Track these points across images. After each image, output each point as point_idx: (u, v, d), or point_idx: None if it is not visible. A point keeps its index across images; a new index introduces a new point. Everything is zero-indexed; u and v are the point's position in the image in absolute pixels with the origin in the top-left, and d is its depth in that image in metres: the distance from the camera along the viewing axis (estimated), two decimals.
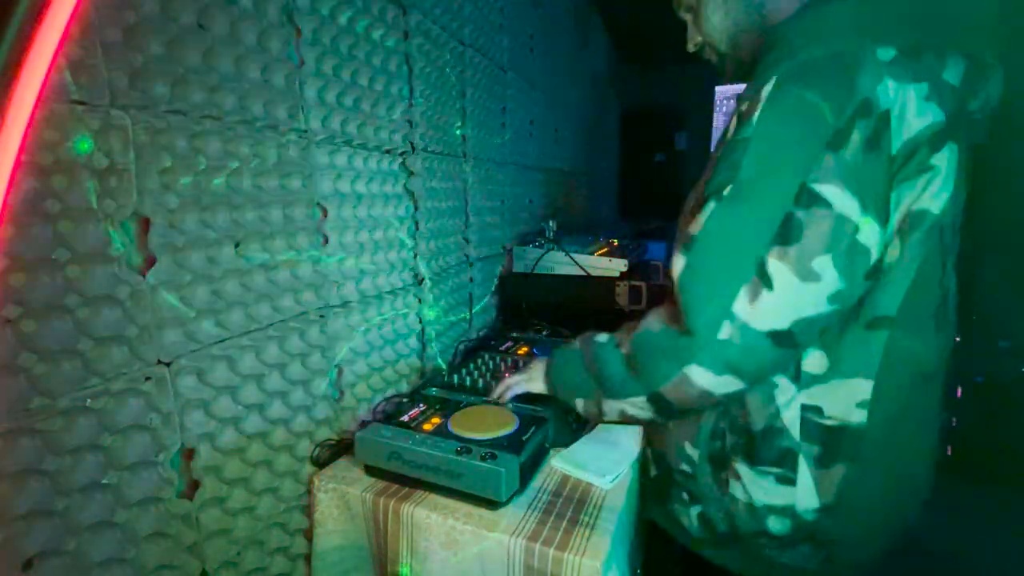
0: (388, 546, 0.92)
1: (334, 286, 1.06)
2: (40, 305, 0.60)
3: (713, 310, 0.64)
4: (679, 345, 0.68)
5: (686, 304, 0.67)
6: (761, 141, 0.64)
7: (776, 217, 0.62)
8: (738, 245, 0.64)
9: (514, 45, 1.91)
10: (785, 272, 0.61)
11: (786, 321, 0.63)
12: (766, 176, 0.63)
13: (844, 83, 0.60)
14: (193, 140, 0.76)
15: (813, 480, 0.70)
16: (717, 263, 0.65)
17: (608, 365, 0.79)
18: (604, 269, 1.66)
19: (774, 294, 0.61)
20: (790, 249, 0.61)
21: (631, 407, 0.77)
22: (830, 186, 0.60)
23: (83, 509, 0.66)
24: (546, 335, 1.63)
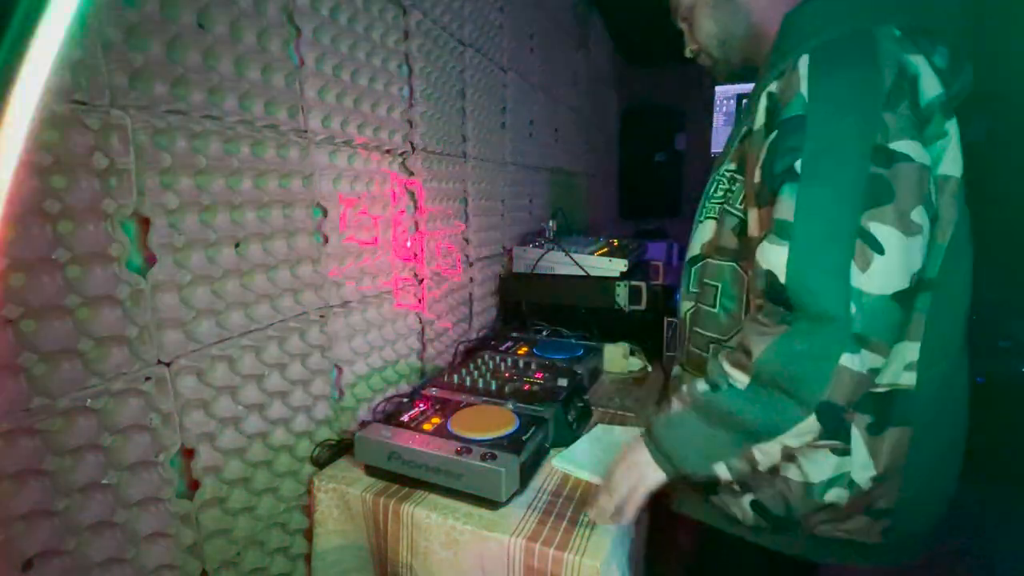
0: (388, 546, 0.92)
1: (334, 286, 1.06)
2: (40, 305, 0.60)
3: (840, 289, 0.62)
4: (821, 338, 0.63)
5: (807, 292, 0.63)
6: (818, 114, 0.64)
7: (860, 181, 0.62)
8: (836, 218, 0.63)
9: (514, 45, 1.91)
10: (891, 232, 0.61)
11: (905, 279, 0.62)
12: (836, 146, 0.63)
13: (878, 52, 0.63)
14: (193, 140, 0.76)
15: (867, 447, 0.70)
16: (824, 241, 0.63)
17: (744, 408, 0.69)
18: (604, 269, 1.66)
19: (887, 256, 0.61)
20: (887, 208, 0.61)
21: (795, 437, 0.67)
22: (904, 141, 0.62)
23: (83, 509, 0.66)
24: (546, 335, 1.63)
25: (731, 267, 0.80)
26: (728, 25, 0.84)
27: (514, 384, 1.18)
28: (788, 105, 0.66)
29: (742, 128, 0.78)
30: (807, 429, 0.66)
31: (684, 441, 0.74)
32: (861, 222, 0.61)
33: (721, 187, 0.82)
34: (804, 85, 0.65)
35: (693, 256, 0.88)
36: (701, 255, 0.86)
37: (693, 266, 0.88)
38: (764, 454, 0.69)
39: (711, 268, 0.83)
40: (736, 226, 0.79)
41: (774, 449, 0.68)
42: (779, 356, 0.65)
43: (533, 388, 1.16)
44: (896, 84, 0.62)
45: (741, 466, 0.71)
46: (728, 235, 0.80)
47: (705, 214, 0.86)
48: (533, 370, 1.28)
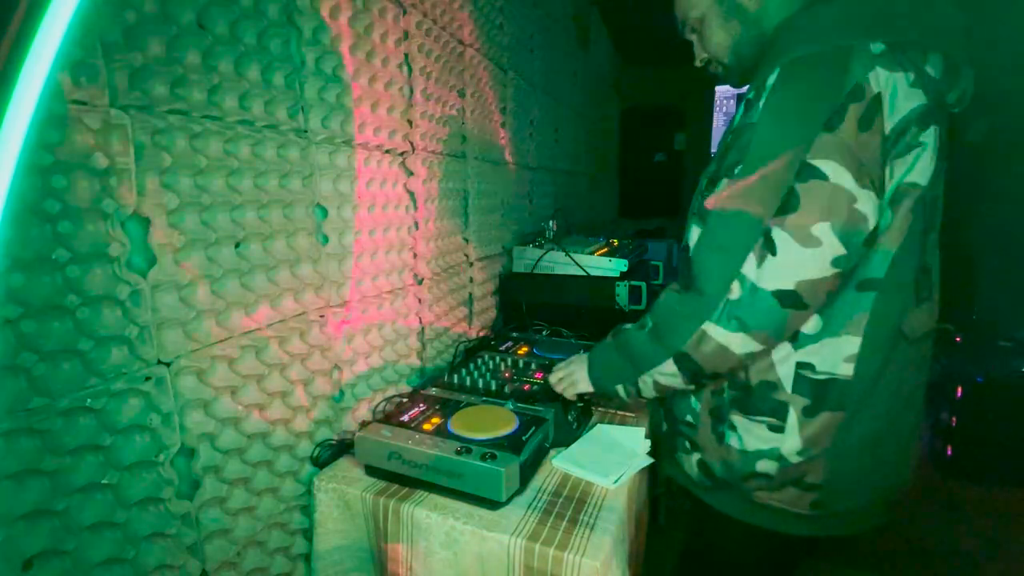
0: (388, 546, 0.92)
1: (334, 286, 1.06)
2: (40, 305, 0.60)
3: (723, 272, 0.73)
4: (694, 305, 0.76)
5: (699, 269, 0.76)
6: (765, 124, 0.72)
7: (777, 188, 0.69)
8: (743, 216, 0.71)
9: (514, 45, 1.91)
10: (786, 238, 0.69)
11: (790, 282, 0.69)
12: (770, 155, 0.70)
13: (837, 72, 0.68)
14: (193, 140, 0.76)
15: (799, 427, 0.78)
16: (728, 232, 0.73)
17: (636, 342, 0.86)
18: (604, 269, 1.66)
19: (777, 258, 0.69)
20: (789, 217, 0.68)
21: (662, 376, 0.83)
22: (826, 161, 0.67)
23: (83, 509, 0.66)
24: (546, 335, 1.63)
25: None
26: (739, 34, 0.87)
27: (514, 384, 1.18)
28: (750, 111, 0.74)
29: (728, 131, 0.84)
30: (668, 371, 0.81)
31: (602, 363, 0.95)
32: (769, 223, 0.70)
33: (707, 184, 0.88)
34: (764, 96, 0.72)
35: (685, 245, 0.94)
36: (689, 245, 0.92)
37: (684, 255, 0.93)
38: (644, 384, 0.86)
39: None
40: None
41: (649, 380, 0.85)
42: (666, 307, 0.82)
43: (533, 388, 1.16)
44: (843, 105, 0.67)
45: (631, 389, 0.89)
46: None
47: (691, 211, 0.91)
48: (533, 370, 1.28)
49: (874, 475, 0.81)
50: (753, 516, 0.85)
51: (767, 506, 0.83)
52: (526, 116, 2.10)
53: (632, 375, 0.87)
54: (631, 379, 0.88)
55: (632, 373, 0.87)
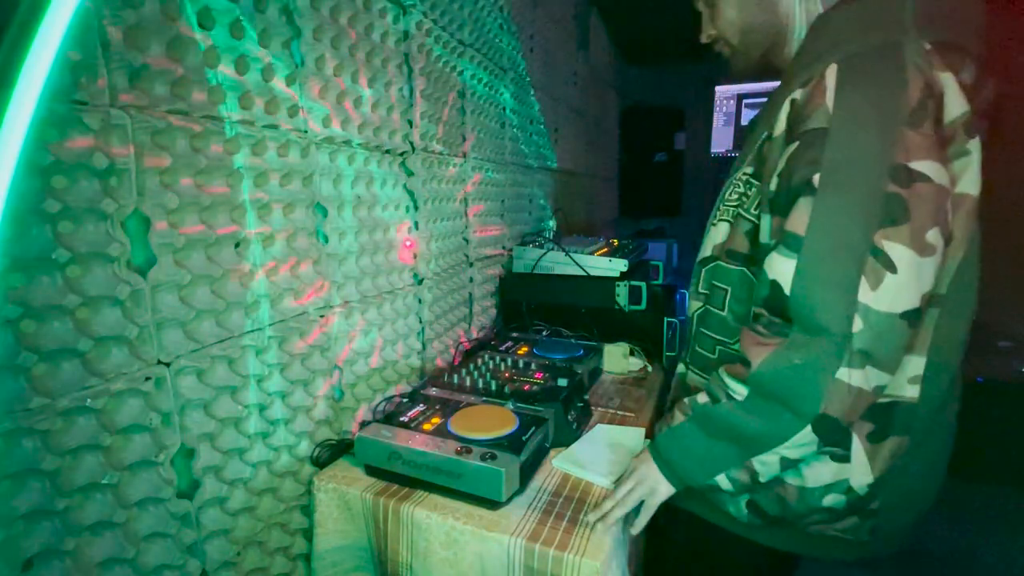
0: (388, 546, 0.92)
1: (334, 286, 1.06)
2: (40, 305, 0.60)
3: (843, 305, 0.63)
4: (817, 351, 0.64)
5: (810, 306, 0.65)
6: (840, 129, 0.64)
7: (876, 199, 0.62)
8: (848, 234, 0.63)
9: (514, 45, 1.91)
10: (904, 252, 0.61)
11: (916, 299, 0.62)
12: (855, 162, 0.63)
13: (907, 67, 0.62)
14: (193, 140, 0.76)
15: (867, 455, 0.71)
16: (833, 256, 0.64)
17: (739, 421, 0.71)
18: (604, 269, 1.66)
19: (898, 275, 0.61)
20: (903, 228, 0.61)
21: (794, 449, 0.69)
22: (925, 162, 0.61)
23: (83, 509, 0.66)
24: (546, 335, 1.63)
25: (740, 272, 0.80)
26: (752, 15, 0.81)
27: (514, 384, 1.18)
28: (812, 116, 0.66)
29: (762, 132, 0.77)
30: (803, 441, 0.67)
31: (686, 454, 0.77)
32: (875, 240, 0.61)
33: (736, 191, 0.82)
34: (830, 97, 0.65)
35: (704, 257, 0.88)
36: (712, 256, 0.86)
37: (704, 267, 0.88)
38: (764, 464, 0.71)
39: (722, 271, 0.83)
40: (749, 231, 0.79)
41: (773, 460, 0.70)
42: (776, 368, 0.67)
43: (533, 388, 1.16)
44: (921, 102, 0.62)
45: (742, 477, 0.73)
46: (741, 239, 0.80)
47: (719, 216, 0.85)
48: (533, 370, 1.28)
49: (925, 495, 0.78)
50: (805, 547, 0.80)
51: (823, 535, 0.77)
52: (526, 116, 2.10)
53: (740, 459, 0.72)
54: (738, 463, 0.73)
55: (740, 457, 0.72)
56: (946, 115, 0.64)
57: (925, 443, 0.73)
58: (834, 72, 0.65)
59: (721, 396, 0.73)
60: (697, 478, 0.77)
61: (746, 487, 0.74)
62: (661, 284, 1.68)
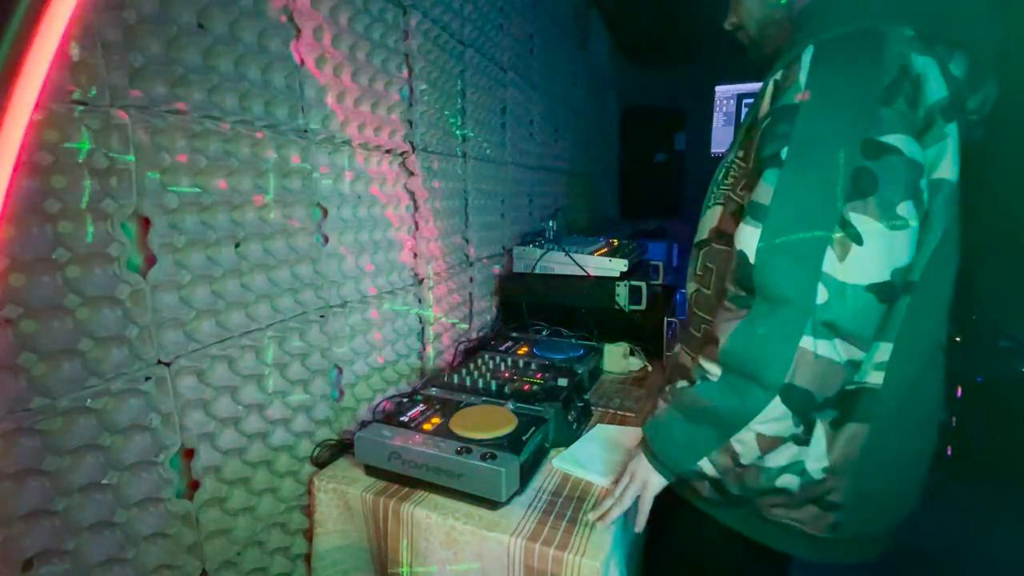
0: (388, 546, 0.92)
1: (334, 286, 1.06)
2: (40, 305, 0.60)
3: (804, 274, 0.62)
4: (780, 320, 0.64)
5: (772, 274, 0.65)
6: (810, 104, 0.65)
7: (845, 173, 0.62)
8: (813, 205, 0.63)
9: (514, 45, 1.91)
10: (871, 223, 0.61)
11: (885, 272, 0.61)
12: (827, 135, 0.63)
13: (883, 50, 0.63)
14: (193, 140, 0.76)
15: (825, 439, 0.71)
16: (797, 227, 0.63)
17: (713, 399, 0.70)
18: (604, 269, 1.66)
19: (865, 247, 0.61)
20: (871, 200, 0.61)
21: (768, 425, 0.67)
22: (895, 135, 0.61)
23: (83, 509, 0.66)
24: (546, 335, 1.63)
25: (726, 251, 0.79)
26: (772, 10, 0.83)
27: (514, 384, 1.18)
28: (784, 92, 0.68)
29: (751, 116, 0.79)
30: (773, 414, 0.66)
31: (669, 440, 0.77)
32: (844, 212, 0.61)
33: (731, 173, 0.83)
34: (803, 75, 0.66)
35: (700, 240, 0.89)
36: (707, 239, 0.87)
37: (700, 250, 0.89)
38: (742, 444, 0.70)
39: (713, 252, 0.84)
40: (736, 211, 0.79)
41: (749, 438, 0.69)
42: (741, 340, 0.67)
43: (533, 388, 1.16)
44: (896, 80, 0.62)
45: (724, 460, 0.72)
46: (728, 220, 0.80)
47: (713, 200, 0.86)
48: (533, 370, 1.28)
49: (896, 498, 0.76)
50: (763, 534, 0.79)
51: (780, 523, 0.76)
52: (526, 116, 2.10)
53: (718, 439, 0.71)
54: (717, 445, 0.71)
55: (719, 438, 0.71)
56: (924, 98, 0.64)
57: (891, 435, 0.71)
58: (810, 52, 0.67)
59: (698, 378, 0.74)
60: (682, 464, 0.76)
61: (729, 470, 0.73)
62: (661, 284, 1.69)
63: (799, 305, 0.62)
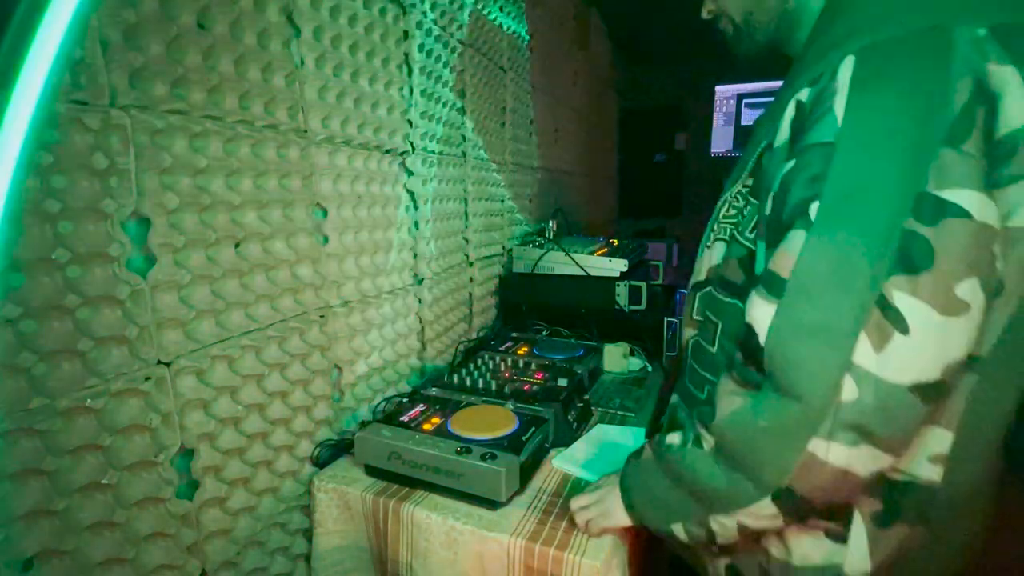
0: (388, 546, 0.92)
1: (334, 286, 1.06)
2: (40, 305, 0.60)
3: (828, 366, 0.50)
4: (789, 418, 0.53)
5: (787, 363, 0.53)
6: (853, 143, 0.51)
7: (892, 237, 0.48)
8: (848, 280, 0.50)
9: (514, 45, 1.91)
10: (920, 307, 0.47)
11: (935, 369, 0.48)
12: (870, 188, 0.50)
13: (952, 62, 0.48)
14: (193, 140, 0.76)
15: (868, 539, 0.59)
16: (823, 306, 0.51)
17: (701, 472, 0.61)
18: (604, 269, 1.66)
19: (911, 337, 0.48)
20: (922, 277, 0.47)
21: (753, 519, 0.59)
22: (963, 191, 0.47)
23: (83, 509, 0.66)
24: (546, 335, 1.63)
25: (733, 304, 0.68)
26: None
27: (514, 384, 1.18)
28: (817, 126, 0.53)
29: (762, 140, 0.65)
30: (764, 513, 0.58)
31: (645, 492, 0.71)
32: (883, 289, 0.48)
33: (735, 206, 0.70)
34: (840, 101, 0.52)
35: (698, 281, 0.77)
36: (706, 281, 0.75)
37: (698, 292, 0.77)
38: (721, 526, 0.62)
39: (714, 301, 0.72)
40: (744, 258, 0.67)
41: (731, 524, 0.61)
42: (739, 426, 0.57)
43: (533, 388, 1.16)
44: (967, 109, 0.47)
45: (698, 532, 0.64)
46: (734, 267, 0.69)
47: (714, 236, 0.73)
48: (533, 370, 1.28)
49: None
50: None
51: None
52: (526, 116, 2.10)
53: (697, 514, 0.63)
54: (696, 519, 0.64)
55: (697, 511, 0.63)
56: (1002, 125, 0.49)
57: (943, 537, 0.59)
58: (850, 66, 0.52)
59: (689, 441, 0.64)
60: (654, 522, 0.70)
61: (704, 544, 0.66)
62: (661, 284, 1.69)
63: (814, 405, 0.51)
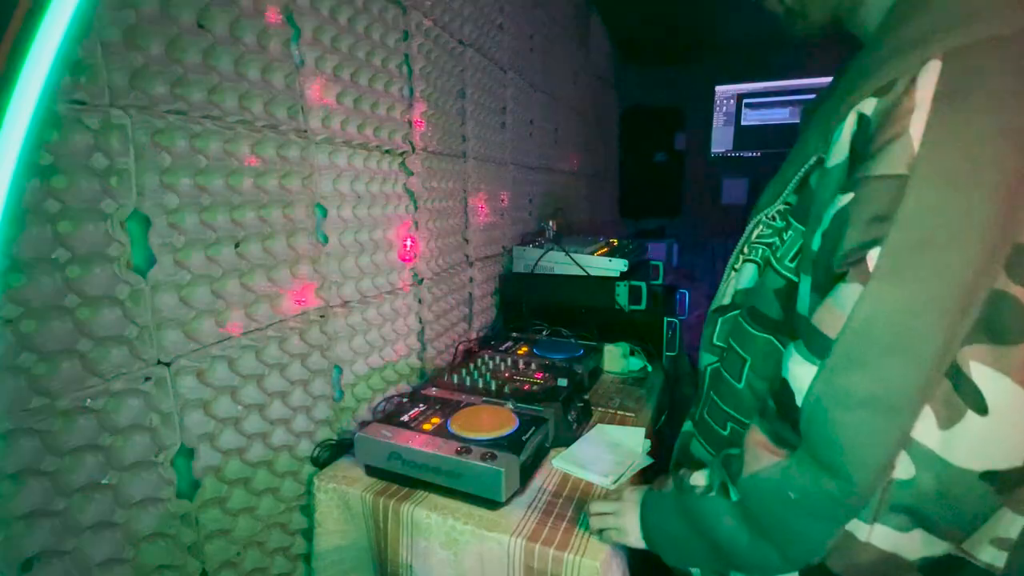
0: (388, 546, 0.92)
1: (334, 286, 1.06)
2: (40, 305, 0.60)
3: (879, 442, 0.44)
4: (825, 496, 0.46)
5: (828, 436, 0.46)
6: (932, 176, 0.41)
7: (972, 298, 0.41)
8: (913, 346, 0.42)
9: (514, 45, 1.91)
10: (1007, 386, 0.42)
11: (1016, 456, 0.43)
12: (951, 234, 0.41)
13: None
14: (193, 140, 0.76)
15: None
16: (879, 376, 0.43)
17: (723, 528, 0.56)
18: (604, 269, 1.66)
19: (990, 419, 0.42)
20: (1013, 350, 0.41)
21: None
22: None
23: (83, 509, 0.66)
24: (546, 335, 1.63)
25: (766, 340, 0.62)
26: None
27: (514, 384, 1.18)
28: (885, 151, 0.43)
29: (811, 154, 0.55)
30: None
31: (663, 530, 0.67)
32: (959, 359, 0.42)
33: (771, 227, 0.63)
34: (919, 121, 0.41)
35: (722, 305, 0.71)
36: (731, 305, 0.69)
37: (721, 316, 0.71)
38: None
39: (741, 332, 0.66)
40: (781, 289, 0.60)
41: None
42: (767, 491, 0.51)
43: (533, 388, 1.16)
44: None
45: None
46: (769, 297, 0.61)
47: (743, 257, 0.67)
48: (533, 370, 1.28)
49: None
50: None
51: None
52: (526, 116, 2.10)
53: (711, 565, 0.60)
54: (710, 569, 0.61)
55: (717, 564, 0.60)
56: None
57: None
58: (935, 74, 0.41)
59: (714, 487, 0.60)
60: (669, 559, 0.67)
61: None
62: (661, 284, 1.69)
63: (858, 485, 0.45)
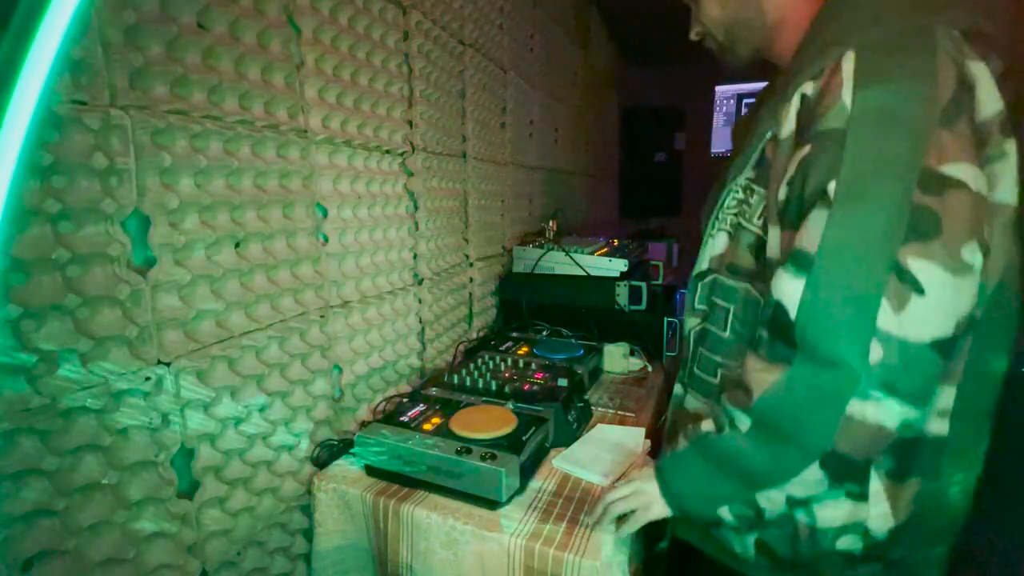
0: (388, 546, 0.92)
1: (334, 286, 1.06)
2: (40, 305, 0.60)
3: (858, 334, 0.55)
4: (826, 384, 0.57)
5: (820, 334, 0.57)
6: (862, 129, 0.56)
7: (902, 211, 0.54)
8: (869, 251, 0.55)
9: (514, 45, 1.91)
10: (934, 270, 0.53)
11: (948, 325, 0.54)
12: (879, 168, 0.55)
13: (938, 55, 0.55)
14: (193, 140, 0.76)
15: (887, 496, 0.64)
16: (849, 277, 0.56)
17: (744, 452, 0.65)
18: (604, 269, 1.66)
19: (927, 297, 0.53)
20: (933, 243, 0.53)
21: (801, 487, 0.63)
22: (959, 165, 0.54)
23: (83, 509, 0.66)
24: (546, 335, 1.63)
25: (745, 288, 0.73)
26: (736, 12, 0.75)
27: (514, 384, 1.18)
28: (826, 115, 0.58)
29: (765, 132, 0.69)
30: (811, 479, 0.62)
31: (688, 483, 0.72)
32: (899, 257, 0.54)
33: (736, 197, 0.75)
34: (847, 91, 0.57)
35: (701, 271, 0.81)
36: (710, 270, 0.79)
37: (700, 281, 0.81)
38: (769, 501, 0.66)
39: (722, 287, 0.77)
40: (753, 244, 0.72)
41: (779, 497, 0.65)
42: (779, 400, 0.61)
43: (533, 388, 1.16)
44: (956, 96, 0.54)
45: (746, 512, 0.68)
46: (743, 253, 0.73)
47: (718, 226, 0.78)
48: (533, 370, 1.28)
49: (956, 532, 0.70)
50: None
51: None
52: (526, 116, 2.10)
53: (741, 493, 0.67)
54: (742, 498, 0.67)
55: (744, 491, 0.67)
56: (980, 112, 0.56)
57: (954, 486, 0.65)
58: (851, 60, 0.57)
59: (725, 426, 0.68)
60: (698, 509, 0.72)
61: (751, 523, 0.69)
62: (661, 284, 1.69)
63: (850, 369, 0.56)
